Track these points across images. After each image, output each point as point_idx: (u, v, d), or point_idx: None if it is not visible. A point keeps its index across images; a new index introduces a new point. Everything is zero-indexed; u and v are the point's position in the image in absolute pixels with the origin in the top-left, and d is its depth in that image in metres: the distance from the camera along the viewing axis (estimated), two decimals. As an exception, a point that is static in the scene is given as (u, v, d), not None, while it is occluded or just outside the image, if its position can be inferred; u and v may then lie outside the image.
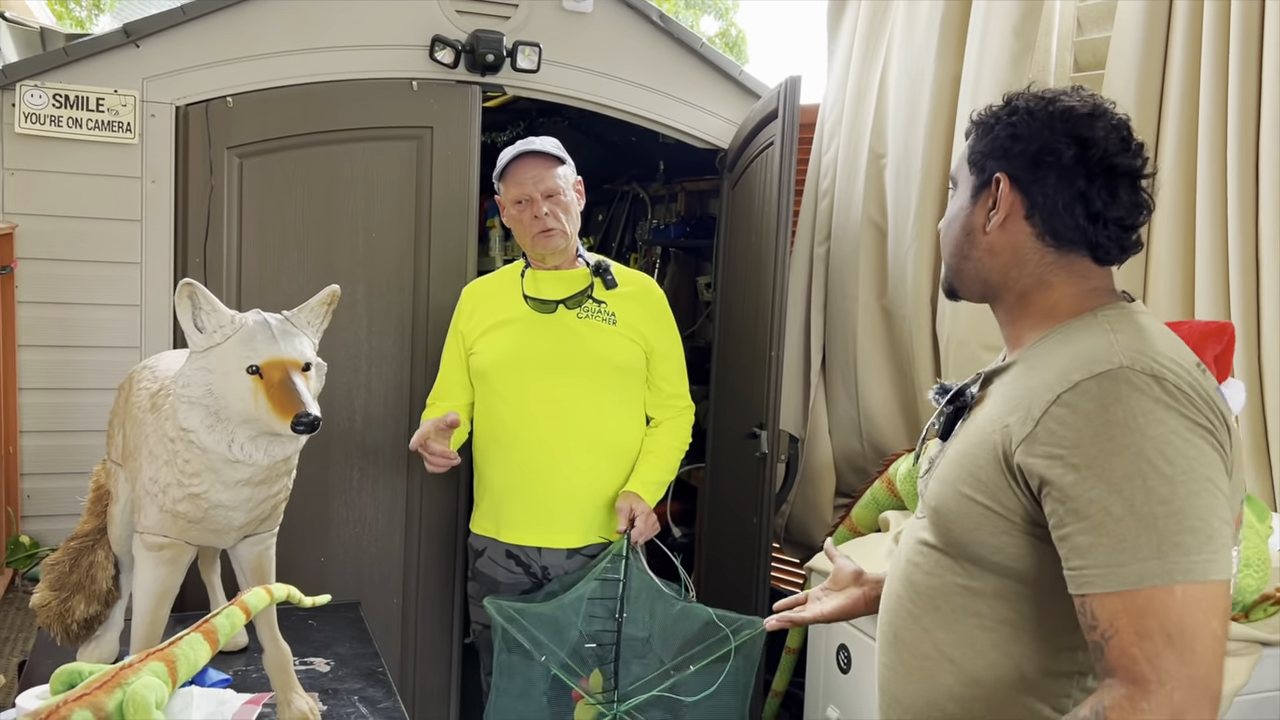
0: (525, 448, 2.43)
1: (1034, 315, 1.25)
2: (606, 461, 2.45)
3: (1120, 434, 1.04)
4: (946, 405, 1.30)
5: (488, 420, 2.49)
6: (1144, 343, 1.11)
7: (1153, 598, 1.02)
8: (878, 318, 3.01)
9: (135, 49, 2.73)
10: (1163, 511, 1.02)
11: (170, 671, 1.26)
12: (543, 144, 2.44)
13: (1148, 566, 1.02)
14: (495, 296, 2.52)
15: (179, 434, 1.55)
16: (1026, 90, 1.27)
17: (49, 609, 1.88)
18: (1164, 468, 1.03)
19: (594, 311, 2.44)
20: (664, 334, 2.52)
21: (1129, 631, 1.03)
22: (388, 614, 3.03)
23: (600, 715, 2.31)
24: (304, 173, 2.88)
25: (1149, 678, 1.02)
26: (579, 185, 2.50)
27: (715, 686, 2.30)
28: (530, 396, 2.42)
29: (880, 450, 3.01)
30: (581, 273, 2.49)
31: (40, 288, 2.69)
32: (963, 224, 1.30)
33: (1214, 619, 1.02)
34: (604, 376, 2.43)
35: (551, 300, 2.43)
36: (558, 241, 2.42)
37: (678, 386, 2.54)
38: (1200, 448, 1.04)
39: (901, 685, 1.29)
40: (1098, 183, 1.19)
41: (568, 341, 2.42)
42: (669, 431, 2.52)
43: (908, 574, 1.30)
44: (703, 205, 4.47)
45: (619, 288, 2.46)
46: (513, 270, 2.56)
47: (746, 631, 2.33)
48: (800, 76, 2.76)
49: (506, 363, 2.44)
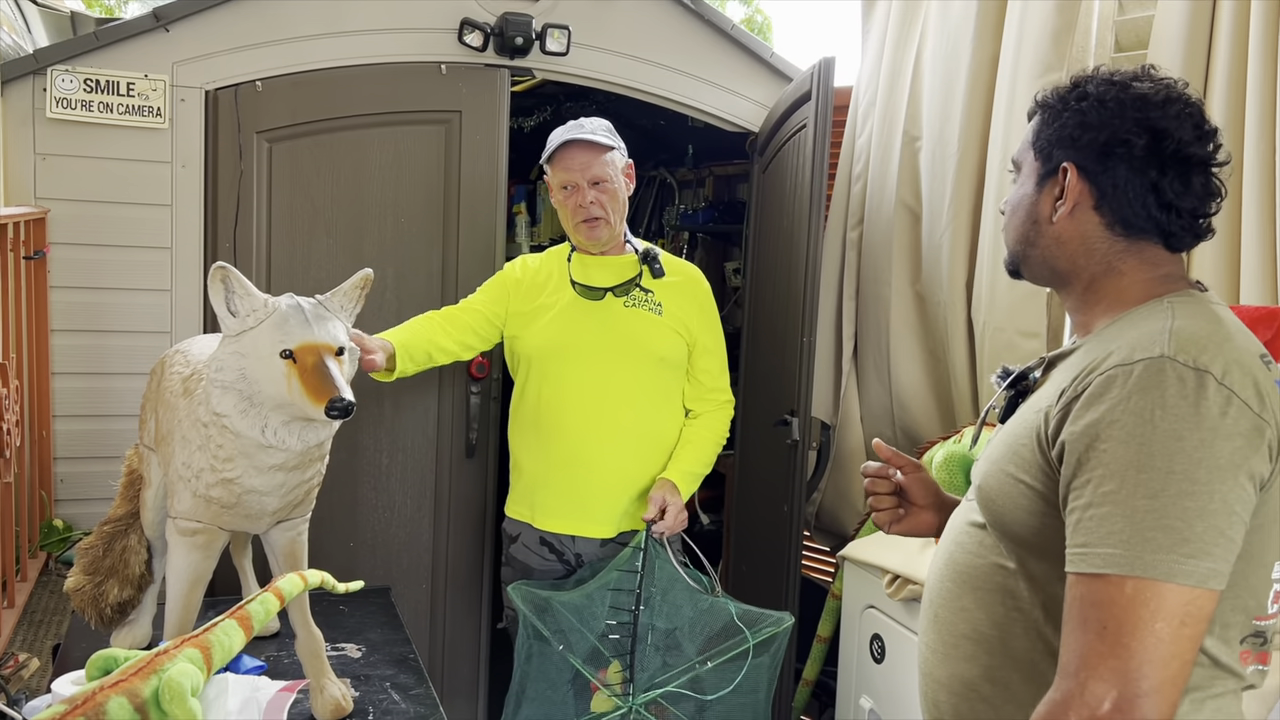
0: (565, 435, 2.39)
1: (1104, 301, 1.22)
2: (645, 452, 2.41)
3: (1134, 423, 1.02)
4: (1008, 389, 1.28)
5: (527, 404, 2.46)
6: (1203, 332, 1.08)
7: (1103, 588, 1.01)
8: (911, 303, 2.97)
9: (165, 33, 2.73)
10: (1144, 506, 1.00)
11: (205, 658, 1.25)
12: (592, 129, 2.39)
13: (1110, 554, 1.01)
14: (543, 277, 2.48)
15: (212, 419, 1.54)
16: (1096, 72, 1.23)
17: (83, 593, 1.88)
18: (1163, 464, 1.01)
19: (641, 300, 2.40)
20: (708, 326, 2.48)
21: (1074, 619, 1.03)
22: (417, 599, 3.03)
23: (617, 708, 2.28)
24: (333, 157, 2.87)
25: (1069, 667, 1.01)
26: (629, 170, 2.45)
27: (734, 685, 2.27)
28: (573, 384, 2.38)
29: (913, 437, 2.98)
30: (630, 259, 2.45)
31: (72, 273, 2.70)
32: (1028, 211, 1.27)
33: (1161, 622, 0.99)
34: (647, 367, 2.40)
35: (600, 288, 2.39)
36: (601, 232, 2.38)
37: (718, 380, 2.50)
38: (1220, 451, 1.01)
39: (940, 665, 1.28)
40: (1170, 174, 1.16)
41: (614, 330, 2.38)
42: (708, 424, 2.48)
43: (952, 554, 1.29)
44: (731, 190, 4.43)
45: (665, 276, 2.42)
46: (559, 253, 2.52)
47: (769, 629, 2.30)
48: (834, 58, 2.72)
49: (552, 349, 2.40)
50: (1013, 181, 1.32)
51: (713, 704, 2.31)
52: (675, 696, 2.31)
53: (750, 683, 2.30)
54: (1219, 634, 1.10)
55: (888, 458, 1.51)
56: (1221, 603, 1.05)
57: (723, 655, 2.30)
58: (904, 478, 1.50)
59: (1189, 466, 1.00)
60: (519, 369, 2.49)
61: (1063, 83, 1.26)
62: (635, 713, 2.28)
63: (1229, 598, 1.07)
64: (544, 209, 4.74)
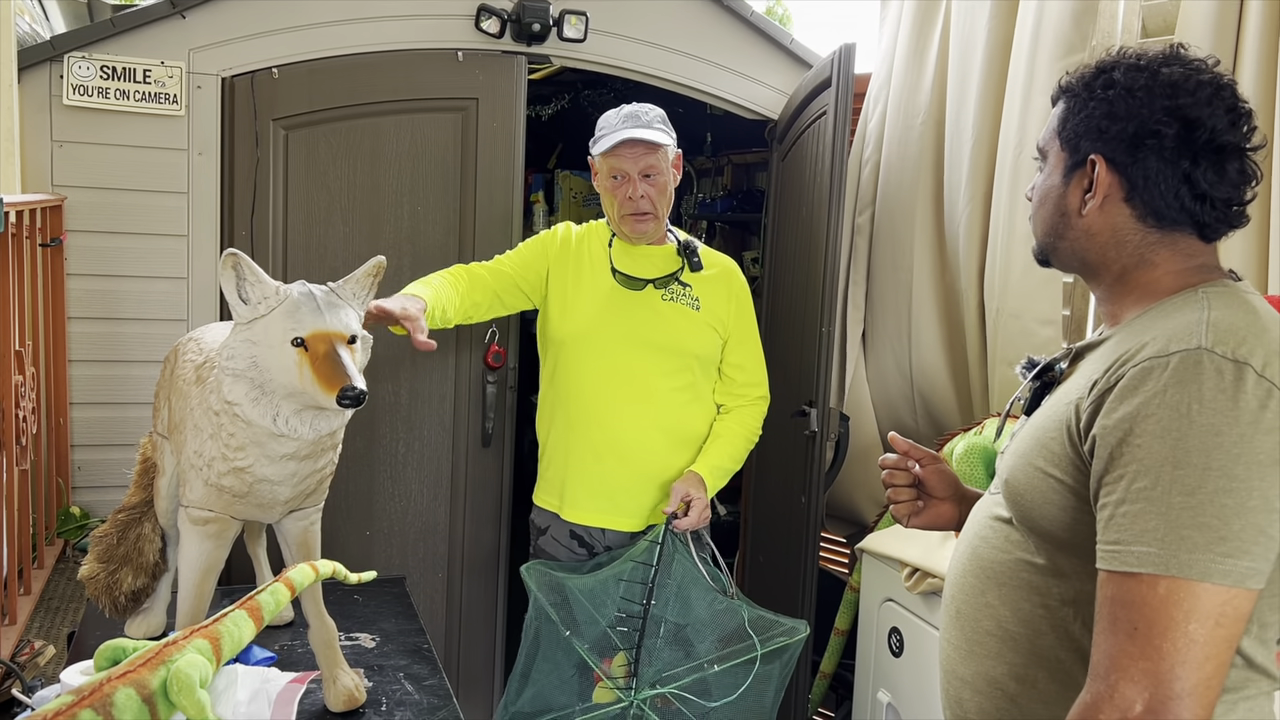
0: (595, 425, 2.36)
1: (1135, 293, 1.19)
2: (676, 447, 2.38)
3: (1170, 418, 0.99)
4: (1033, 380, 1.24)
5: (557, 391, 2.42)
6: (1241, 323, 1.04)
7: (1135, 587, 0.98)
8: (934, 289, 2.93)
9: (181, 20, 2.72)
10: (1180, 503, 0.97)
11: (215, 649, 1.24)
12: (649, 121, 2.30)
13: (1144, 553, 0.98)
14: (585, 254, 2.41)
15: (224, 407, 1.53)
16: (1122, 56, 1.18)
17: (97, 581, 1.88)
18: (1199, 460, 0.98)
19: (679, 294, 2.36)
20: (743, 321, 2.44)
21: (1105, 619, 1.00)
22: (433, 588, 3.03)
23: (617, 701, 2.25)
24: (349, 145, 2.86)
25: (1099, 669, 0.99)
26: (678, 161, 2.39)
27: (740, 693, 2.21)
28: (606, 373, 2.34)
29: (936, 425, 2.94)
30: (669, 250, 2.41)
31: (89, 260, 2.70)
32: (1056, 204, 1.23)
33: (1195, 623, 0.96)
34: (682, 362, 2.36)
35: (641, 279, 2.35)
36: (648, 226, 2.34)
37: (752, 375, 2.44)
38: (1260, 447, 0.98)
39: (964, 661, 1.25)
40: (1204, 164, 1.12)
41: (651, 323, 2.34)
42: (740, 419, 2.42)
43: (975, 549, 1.27)
44: (750, 178, 4.39)
45: (703, 270, 2.38)
46: (601, 234, 2.44)
47: (780, 639, 2.24)
48: (854, 44, 2.68)
49: (587, 336, 2.36)
50: (1039, 170, 1.28)
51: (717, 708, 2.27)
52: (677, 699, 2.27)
53: (756, 690, 2.25)
54: (1256, 634, 1.07)
55: (905, 450, 1.48)
56: (1260, 602, 1.02)
57: (731, 660, 2.25)
58: (922, 470, 1.47)
59: (1227, 462, 0.97)
60: (549, 352, 2.45)
61: (1087, 65, 1.22)
62: (636, 708, 2.25)
63: (1268, 596, 1.04)
64: (561, 198, 4.72)
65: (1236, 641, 0.99)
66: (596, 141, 2.35)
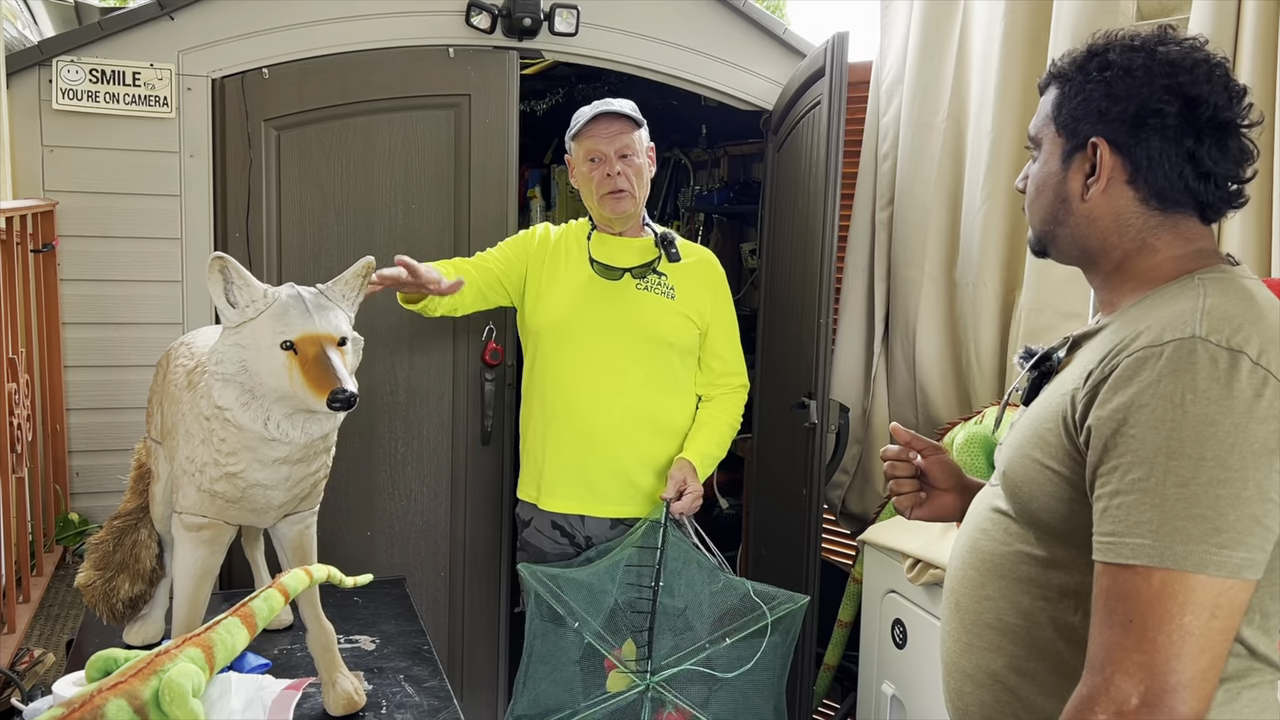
0: (570, 412, 2.40)
1: (1133, 279, 1.17)
2: (651, 435, 2.41)
3: (1164, 408, 0.98)
4: (1031, 370, 1.23)
5: (535, 381, 2.47)
6: (1237, 310, 1.03)
7: (1130, 579, 0.97)
8: (941, 286, 2.91)
9: (170, 21, 2.70)
10: (1174, 494, 0.96)
11: (207, 657, 1.23)
12: (621, 105, 2.40)
13: (1139, 544, 0.97)
14: (562, 249, 2.47)
15: (214, 412, 1.51)
16: (1114, 38, 1.16)
17: (94, 588, 1.87)
18: (1193, 450, 0.96)
19: (655, 284, 2.40)
20: (720, 311, 2.48)
21: (1100, 611, 0.99)
22: (434, 587, 3.02)
23: (633, 685, 2.28)
24: (341, 144, 2.84)
25: (1095, 661, 0.98)
26: (651, 152, 2.45)
27: (753, 663, 2.26)
28: (581, 361, 2.38)
29: (934, 422, 2.92)
30: (647, 242, 2.45)
31: (82, 265, 2.69)
32: (1055, 190, 1.21)
33: (1190, 615, 0.95)
34: (657, 350, 2.39)
35: (618, 268, 2.39)
36: (626, 205, 2.38)
37: (731, 364, 2.49)
38: (1255, 436, 0.97)
39: (963, 655, 1.24)
40: (1207, 141, 1.11)
41: (625, 311, 2.38)
42: (722, 407, 2.48)
43: (975, 541, 1.25)
44: (746, 170, 4.37)
45: (680, 261, 2.42)
46: (580, 230, 2.51)
47: (785, 607, 2.29)
48: (848, 32, 2.66)
49: (563, 326, 2.40)
50: (1032, 159, 1.26)
51: (725, 686, 2.30)
52: (686, 679, 2.29)
53: (765, 662, 2.30)
54: (1258, 623, 1.06)
55: (906, 441, 1.47)
56: (1260, 591, 1.01)
57: (739, 633, 2.29)
58: (924, 461, 1.46)
59: (1221, 452, 0.96)
60: (528, 344, 2.50)
61: (1077, 50, 1.20)
62: (653, 690, 2.27)
63: (1269, 585, 1.03)
64: (559, 193, 4.70)
65: (1233, 633, 0.98)
66: (572, 132, 2.41)
